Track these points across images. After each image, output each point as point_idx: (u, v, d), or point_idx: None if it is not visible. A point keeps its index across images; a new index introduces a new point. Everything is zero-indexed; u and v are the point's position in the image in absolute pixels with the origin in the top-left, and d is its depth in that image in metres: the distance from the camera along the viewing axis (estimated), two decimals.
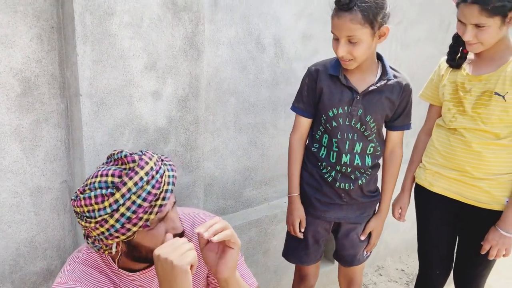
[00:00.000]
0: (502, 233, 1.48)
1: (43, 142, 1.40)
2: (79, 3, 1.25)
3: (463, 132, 1.54)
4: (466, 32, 1.43)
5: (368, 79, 1.51)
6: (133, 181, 0.95)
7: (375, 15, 1.34)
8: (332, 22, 1.40)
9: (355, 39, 1.36)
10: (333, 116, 1.53)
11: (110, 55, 1.34)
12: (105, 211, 0.95)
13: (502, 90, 1.44)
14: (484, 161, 1.51)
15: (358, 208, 1.63)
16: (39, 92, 1.36)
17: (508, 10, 1.35)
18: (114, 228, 0.95)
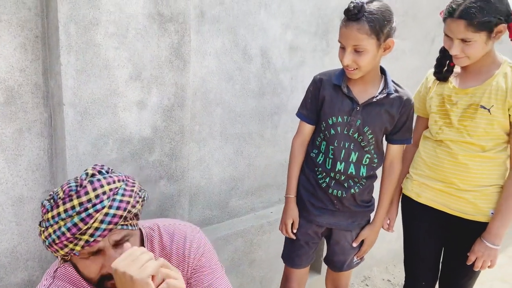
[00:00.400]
0: (487, 244, 1.49)
1: (26, 151, 1.39)
2: (64, 13, 1.25)
3: (449, 144, 1.56)
4: (453, 47, 1.45)
5: (370, 91, 1.54)
6: (63, 208, 0.95)
7: (382, 27, 1.39)
8: (340, 31, 1.44)
9: (361, 48, 1.40)
10: (332, 124, 1.56)
11: (95, 65, 1.34)
12: (48, 221, 0.97)
13: (487, 104, 1.47)
14: (470, 173, 1.52)
15: (350, 216, 1.65)
16: (22, 101, 1.35)
17: (494, 25, 1.38)
18: (51, 238, 0.96)
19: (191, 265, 1.16)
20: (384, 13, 1.40)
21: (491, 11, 1.36)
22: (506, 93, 1.44)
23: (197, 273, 1.16)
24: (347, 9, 1.39)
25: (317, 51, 2.16)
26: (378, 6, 1.39)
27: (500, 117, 1.45)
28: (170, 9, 1.47)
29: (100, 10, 1.31)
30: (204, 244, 1.20)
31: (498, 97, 1.45)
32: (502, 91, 1.44)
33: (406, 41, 2.69)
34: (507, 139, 1.50)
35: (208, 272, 1.17)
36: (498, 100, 1.45)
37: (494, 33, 1.40)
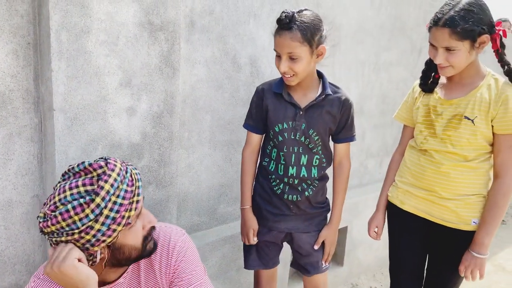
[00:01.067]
0: (474, 255, 1.51)
1: (16, 156, 1.41)
2: (56, 20, 1.28)
3: (433, 153, 1.59)
4: (437, 56, 1.49)
5: (310, 96, 1.61)
6: (109, 183, 0.99)
7: (313, 35, 1.47)
8: (274, 40, 1.51)
9: (295, 56, 1.47)
10: (279, 131, 1.62)
11: (85, 72, 1.37)
12: (88, 218, 0.97)
13: (471, 114, 1.50)
14: (452, 182, 1.56)
15: (306, 218, 1.71)
16: (13, 107, 1.37)
17: (477, 35, 1.42)
18: (101, 232, 0.98)
19: (173, 266, 1.19)
20: (314, 22, 1.48)
21: (475, 20, 1.40)
22: (489, 105, 1.48)
23: (177, 278, 1.19)
24: (279, 19, 1.47)
25: None
26: (308, 15, 1.48)
27: (483, 128, 1.49)
28: (160, 18, 1.51)
29: (91, 18, 1.35)
30: (187, 247, 1.23)
31: (481, 108, 1.49)
32: (485, 102, 1.48)
33: (393, 53, 2.76)
34: (490, 149, 1.54)
35: (188, 277, 1.19)
36: (481, 111, 1.49)
37: (477, 43, 1.44)
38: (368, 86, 2.66)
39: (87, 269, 0.98)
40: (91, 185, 0.99)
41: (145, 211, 1.13)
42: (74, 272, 0.96)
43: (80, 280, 0.96)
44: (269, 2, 1.98)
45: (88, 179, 1.01)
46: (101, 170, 1.01)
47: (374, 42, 2.60)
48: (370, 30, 2.55)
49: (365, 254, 2.86)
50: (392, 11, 2.64)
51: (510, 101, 1.44)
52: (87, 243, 0.99)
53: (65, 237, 0.98)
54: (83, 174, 1.03)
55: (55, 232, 0.99)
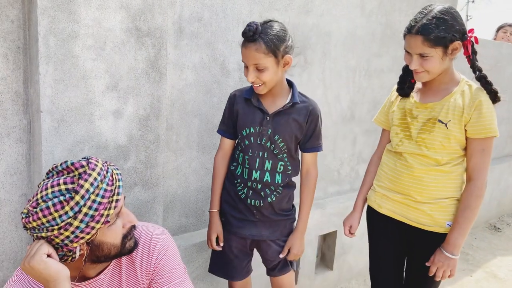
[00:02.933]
0: (446, 255, 1.54)
1: (4, 156, 1.46)
2: (44, 26, 1.34)
3: (407, 157, 1.63)
4: (412, 62, 1.54)
5: (278, 103, 1.65)
6: (89, 182, 1.03)
7: (277, 46, 1.51)
8: (241, 51, 1.55)
9: (261, 66, 1.51)
10: (246, 135, 1.66)
11: (72, 75, 1.42)
12: (67, 215, 1.01)
13: (445, 118, 1.54)
14: (426, 186, 1.59)
15: (270, 225, 1.73)
16: (3, 108, 1.42)
17: (449, 42, 1.47)
18: (79, 229, 1.02)
19: (154, 264, 1.23)
20: (279, 33, 1.52)
21: (446, 28, 1.45)
22: (463, 110, 1.52)
23: (157, 275, 1.23)
24: (243, 32, 1.51)
25: (296, 67, 2.25)
26: (273, 27, 1.52)
27: (456, 131, 1.53)
28: (147, 24, 1.56)
29: (79, 24, 1.40)
30: (168, 246, 1.27)
31: (455, 113, 1.53)
32: (459, 108, 1.53)
33: (384, 60, 2.79)
34: (463, 153, 1.57)
35: (168, 275, 1.23)
36: (455, 116, 1.53)
37: (449, 50, 1.49)
38: (359, 92, 2.70)
39: (56, 264, 1.02)
40: (72, 184, 1.03)
41: (125, 210, 1.17)
42: (43, 266, 1.00)
43: (48, 274, 1.00)
44: (258, 10, 2.03)
45: (69, 177, 1.05)
46: (82, 169, 1.05)
47: (365, 49, 2.64)
48: (361, 38, 2.59)
49: (356, 259, 2.88)
50: (382, 19, 2.68)
51: (483, 106, 1.49)
52: (66, 239, 1.02)
53: (45, 233, 1.02)
54: (65, 172, 1.07)
55: (36, 228, 1.02)
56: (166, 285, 1.22)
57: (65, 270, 1.03)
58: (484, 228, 4.02)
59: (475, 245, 3.62)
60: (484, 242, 3.70)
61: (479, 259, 3.36)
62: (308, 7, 2.25)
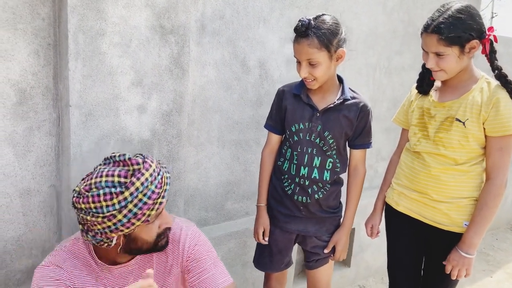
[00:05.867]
0: (462, 254, 1.54)
1: (35, 148, 1.52)
2: (73, 23, 1.39)
3: (425, 156, 1.63)
4: (428, 60, 1.54)
5: (328, 99, 1.64)
6: (140, 181, 1.09)
7: (330, 40, 1.50)
8: (293, 47, 1.55)
9: (314, 61, 1.51)
10: (295, 131, 1.66)
11: (100, 71, 1.47)
12: (113, 207, 1.07)
13: (462, 117, 1.53)
14: (443, 185, 1.59)
15: (317, 222, 1.73)
16: (34, 102, 1.49)
17: (465, 41, 1.46)
18: (121, 222, 1.09)
19: (186, 254, 1.30)
20: (331, 27, 1.51)
21: (462, 27, 1.44)
22: (480, 107, 1.50)
23: (194, 260, 1.29)
24: (295, 28, 1.51)
25: None
26: (325, 21, 1.51)
27: (475, 130, 1.52)
28: (171, 22, 1.60)
29: (106, 22, 1.45)
30: (199, 235, 1.34)
31: (473, 111, 1.52)
32: (477, 105, 1.51)
33: (405, 58, 2.78)
34: (483, 152, 1.56)
35: (205, 257, 1.30)
36: (473, 114, 1.52)
37: (467, 48, 1.47)
38: (379, 90, 2.70)
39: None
40: (125, 178, 1.10)
41: (165, 212, 1.23)
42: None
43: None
44: (279, 7, 2.06)
45: (124, 171, 1.11)
46: (137, 166, 1.12)
47: (386, 46, 2.64)
48: (382, 35, 2.58)
49: (374, 257, 2.88)
50: (404, 16, 2.66)
51: (501, 103, 1.47)
52: (107, 228, 1.10)
53: (90, 217, 1.09)
54: (121, 165, 1.13)
55: (83, 209, 1.10)
56: (202, 267, 1.29)
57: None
58: (506, 229, 3.95)
59: (496, 246, 3.57)
60: (505, 243, 3.64)
61: (499, 259, 3.32)
62: (328, 4, 2.26)
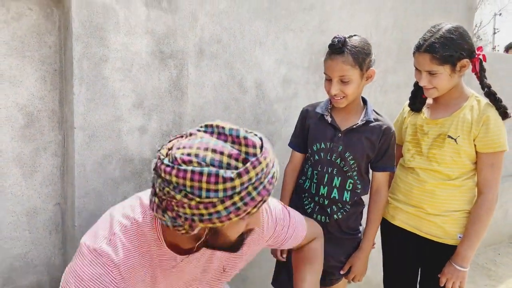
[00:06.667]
0: (456, 267, 1.59)
1: (41, 168, 1.60)
2: (78, 51, 1.48)
3: (419, 171, 1.69)
4: (421, 79, 1.61)
5: (351, 120, 1.67)
6: (255, 171, 0.86)
7: (364, 59, 1.56)
8: (325, 64, 1.61)
9: (346, 79, 1.55)
10: (316, 150, 1.70)
11: (102, 95, 1.56)
12: (216, 194, 0.84)
13: (454, 134, 1.60)
14: (437, 199, 1.65)
15: (336, 242, 1.71)
16: (40, 125, 1.57)
17: (456, 60, 1.53)
18: (218, 214, 0.86)
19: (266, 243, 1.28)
20: (364, 47, 1.57)
21: (453, 46, 1.52)
22: (471, 125, 1.57)
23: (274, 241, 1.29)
24: (331, 44, 1.56)
25: (310, 83, 2.34)
26: (358, 41, 1.57)
27: (466, 147, 1.58)
28: (170, 48, 1.69)
29: (109, 48, 1.54)
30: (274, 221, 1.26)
31: (464, 128, 1.58)
32: (468, 123, 1.58)
33: (400, 75, 2.85)
34: (474, 167, 1.62)
35: (282, 234, 1.28)
36: (464, 131, 1.58)
37: (458, 67, 1.55)
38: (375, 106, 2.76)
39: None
40: (236, 161, 0.86)
41: (258, 213, 1.00)
42: None
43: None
44: (274, 31, 2.15)
45: (236, 151, 0.87)
46: (253, 150, 0.88)
47: (381, 65, 2.71)
48: (376, 54, 2.66)
49: (375, 273, 2.90)
50: (397, 35, 2.75)
51: (491, 121, 1.53)
52: (198, 216, 0.87)
53: (181, 196, 0.85)
54: (231, 141, 0.88)
55: (172, 183, 0.85)
56: (282, 238, 1.28)
57: None
58: (508, 243, 3.95)
59: (498, 260, 3.57)
60: (507, 257, 3.64)
61: (501, 274, 3.32)
62: (322, 27, 2.35)
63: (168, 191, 0.87)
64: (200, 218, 0.87)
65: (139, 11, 1.59)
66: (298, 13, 2.22)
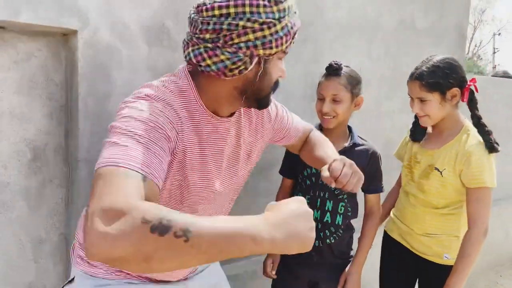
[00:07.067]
0: None
1: (47, 199, 1.67)
2: (84, 88, 1.57)
3: (410, 197, 1.79)
4: (414, 106, 1.70)
5: (338, 145, 1.73)
6: (289, 4, 1.01)
7: (355, 85, 1.71)
8: (321, 85, 1.76)
9: (339, 98, 1.68)
10: (307, 175, 1.77)
11: (105, 129, 1.62)
12: (273, 15, 0.97)
13: (441, 166, 1.67)
14: (425, 223, 1.74)
15: (329, 267, 1.78)
16: (46, 158, 1.64)
17: (446, 88, 1.60)
18: (277, 35, 0.99)
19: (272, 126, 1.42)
20: (356, 75, 1.74)
21: (441, 74, 1.60)
22: (456, 159, 1.63)
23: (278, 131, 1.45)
24: (328, 66, 1.73)
25: (306, 113, 2.41)
26: (351, 70, 1.74)
27: (452, 180, 1.64)
28: None
29: (112, 85, 1.63)
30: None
31: (450, 162, 1.65)
32: (453, 157, 1.64)
33: (395, 102, 2.94)
34: (462, 199, 1.66)
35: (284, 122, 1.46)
36: (450, 165, 1.65)
37: (448, 96, 1.62)
38: (370, 132, 2.83)
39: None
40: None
41: (283, 63, 1.16)
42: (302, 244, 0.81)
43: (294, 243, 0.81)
44: None
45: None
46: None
47: (374, 92, 2.80)
48: (369, 81, 2.75)
49: None
50: (390, 63, 2.85)
51: (473, 157, 1.58)
52: (260, 39, 0.97)
53: (243, 22, 0.95)
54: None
55: (230, 15, 0.96)
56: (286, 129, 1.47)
57: None
58: (510, 265, 3.95)
59: (500, 283, 3.56)
60: (509, 280, 3.64)
61: None
62: (316, 58, 2.45)
63: (229, 23, 0.96)
64: (262, 42, 0.98)
65: (141, 49, 1.68)
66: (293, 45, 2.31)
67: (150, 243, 0.67)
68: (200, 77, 1.11)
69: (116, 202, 0.71)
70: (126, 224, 0.67)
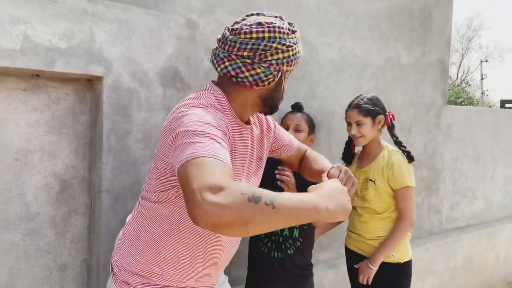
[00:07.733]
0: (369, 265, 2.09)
1: (72, 227, 1.83)
2: (107, 127, 1.77)
3: (357, 208, 2.20)
4: (351, 129, 2.16)
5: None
6: (295, 35, 1.30)
7: (312, 123, 2.21)
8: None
9: (300, 128, 2.16)
10: None
11: (126, 163, 1.83)
12: (294, 40, 1.27)
13: (373, 177, 2.14)
14: (370, 227, 2.17)
15: (293, 279, 2.01)
16: (72, 190, 1.82)
17: (375, 114, 2.12)
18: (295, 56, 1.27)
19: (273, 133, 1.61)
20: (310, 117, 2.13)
21: (372, 104, 2.12)
22: (383, 170, 2.09)
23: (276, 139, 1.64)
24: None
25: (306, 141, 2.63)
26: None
27: (383, 186, 2.11)
28: None
29: (132, 123, 1.83)
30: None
31: (379, 172, 2.11)
32: (381, 168, 2.11)
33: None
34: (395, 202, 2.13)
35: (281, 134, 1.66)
36: (379, 174, 2.12)
37: (376, 121, 2.13)
38: None
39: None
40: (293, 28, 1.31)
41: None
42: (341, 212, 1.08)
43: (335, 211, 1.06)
44: None
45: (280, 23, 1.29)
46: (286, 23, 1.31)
47: None
48: None
49: None
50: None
51: (395, 164, 2.09)
52: (286, 58, 1.25)
53: (275, 44, 1.22)
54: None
55: (265, 39, 1.22)
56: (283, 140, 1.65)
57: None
58: (502, 286, 4.09)
59: None
60: None
61: None
62: (312, 94, 2.68)
63: (265, 44, 1.22)
64: (288, 60, 1.26)
65: (157, 91, 1.89)
66: (291, 82, 2.54)
67: (249, 210, 0.87)
68: (230, 88, 1.32)
69: (217, 180, 0.89)
70: (229, 196, 0.86)
